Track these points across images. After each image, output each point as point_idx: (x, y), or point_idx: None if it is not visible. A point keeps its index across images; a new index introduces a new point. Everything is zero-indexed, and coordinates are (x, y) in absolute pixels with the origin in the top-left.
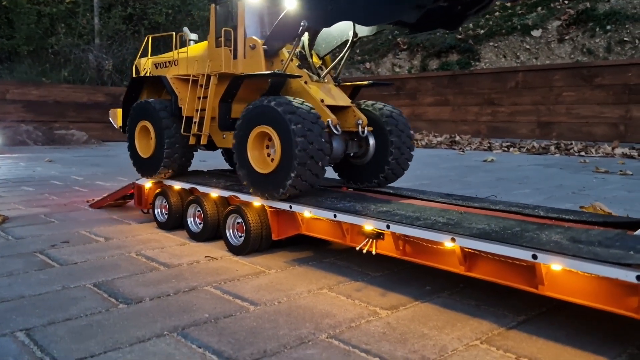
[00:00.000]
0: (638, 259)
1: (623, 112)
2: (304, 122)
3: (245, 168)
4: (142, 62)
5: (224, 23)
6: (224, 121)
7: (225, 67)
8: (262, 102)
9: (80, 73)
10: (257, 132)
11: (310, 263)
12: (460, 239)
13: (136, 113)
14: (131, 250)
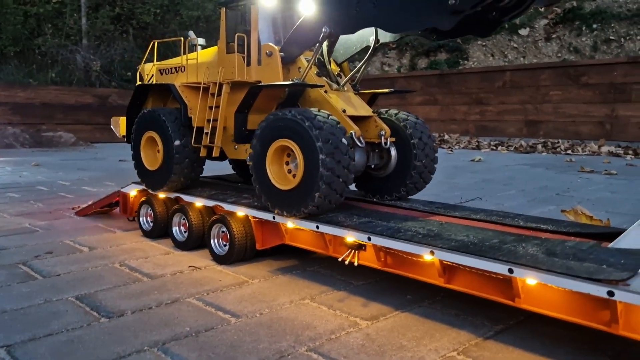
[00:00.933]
0: (609, 274)
1: (609, 111)
2: (332, 139)
3: (264, 183)
4: (147, 68)
5: (235, 27)
6: (240, 133)
7: (239, 74)
8: (285, 114)
9: (67, 74)
10: (277, 145)
11: (294, 272)
12: (439, 252)
13: (142, 123)
14: (115, 260)
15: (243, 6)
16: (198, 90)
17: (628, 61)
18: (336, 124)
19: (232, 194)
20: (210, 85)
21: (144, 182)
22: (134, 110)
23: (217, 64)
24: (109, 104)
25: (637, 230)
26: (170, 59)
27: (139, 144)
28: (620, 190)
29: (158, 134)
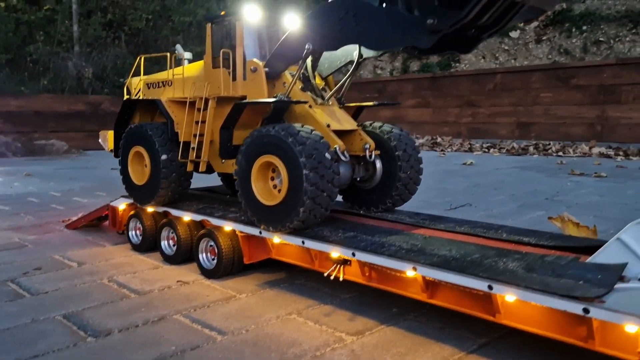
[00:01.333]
0: (585, 291)
1: (599, 112)
2: (315, 154)
3: (249, 199)
4: (134, 82)
5: (221, 42)
6: (226, 148)
7: (225, 89)
8: (269, 130)
9: (59, 81)
10: (262, 161)
11: (282, 285)
12: (421, 268)
13: (129, 138)
14: (103, 276)
15: (228, 22)
16: (184, 105)
17: (617, 63)
18: (319, 139)
19: (219, 207)
20: (197, 100)
21: (132, 197)
22: (121, 124)
23: (203, 78)
24: (102, 111)
25: (613, 244)
26: (157, 73)
27: (127, 159)
28: (609, 194)
29: (145, 149)
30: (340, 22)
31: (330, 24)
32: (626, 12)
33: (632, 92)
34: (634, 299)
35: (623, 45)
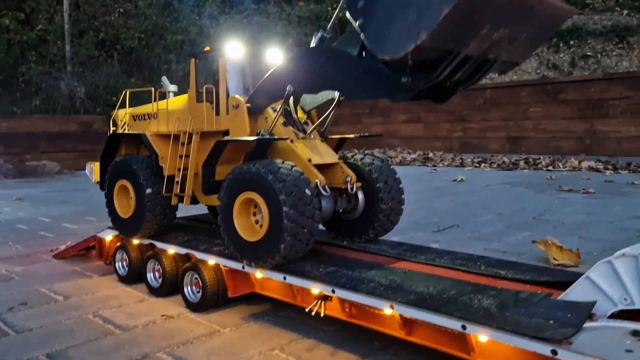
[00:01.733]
0: (554, 332)
1: (588, 126)
2: (295, 191)
3: (231, 235)
4: (120, 115)
5: (205, 77)
6: (208, 184)
7: (208, 124)
8: (250, 167)
9: (52, 101)
10: (243, 198)
11: (266, 318)
12: (398, 306)
13: (114, 172)
14: (89, 310)
15: (212, 58)
16: (169, 139)
17: (604, 78)
18: (299, 175)
19: (204, 239)
20: (181, 134)
21: (118, 229)
22: (107, 157)
23: (187, 112)
24: (94, 131)
25: (582, 282)
26: (143, 106)
27: (112, 192)
28: (596, 212)
29: (130, 183)
30: (321, 68)
31: (311, 68)
32: (612, 27)
33: (619, 106)
34: (601, 339)
35: (610, 59)
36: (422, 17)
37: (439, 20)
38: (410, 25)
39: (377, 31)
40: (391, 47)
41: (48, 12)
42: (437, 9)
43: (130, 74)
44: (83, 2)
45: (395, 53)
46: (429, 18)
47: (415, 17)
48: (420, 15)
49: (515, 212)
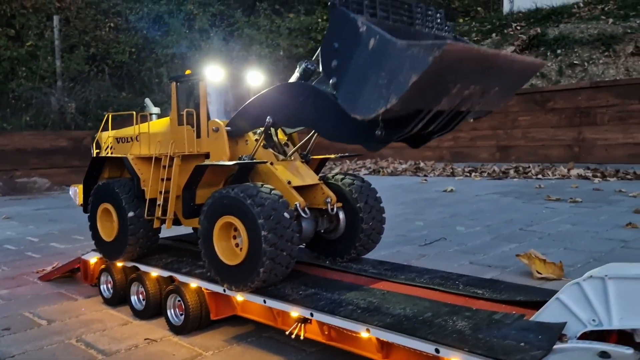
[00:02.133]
0: (524, 355)
1: (576, 134)
2: (273, 215)
3: (212, 258)
4: (104, 137)
5: (186, 100)
6: (188, 208)
7: (189, 147)
8: (229, 192)
9: (42, 117)
10: (223, 222)
11: (249, 340)
12: (374, 329)
13: (97, 195)
14: (72, 335)
15: (192, 82)
16: (151, 162)
17: (591, 86)
18: (278, 199)
19: (188, 261)
20: (162, 157)
21: (101, 252)
22: (90, 180)
23: (168, 135)
24: (84, 146)
25: (553, 304)
26: (125, 128)
27: (95, 215)
28: (582, 222)
29: (113, 206)
30: (300, 105)
31: (291, 104)
32: (598, 35)
33: (606, 114)
34: None
35: (597, 67)
36: (392, 82)
37: (408, 87)
38: (380, 88)
39: (349, 91)
40: (362, 108)
41: (38, 27)
42: (406, 76)
43: (121, 88)
44: (73, 17)
45: (367, 114)
46: (399, 84)
47: (386, 81)
48: (390, 80)
49: (503, 223)
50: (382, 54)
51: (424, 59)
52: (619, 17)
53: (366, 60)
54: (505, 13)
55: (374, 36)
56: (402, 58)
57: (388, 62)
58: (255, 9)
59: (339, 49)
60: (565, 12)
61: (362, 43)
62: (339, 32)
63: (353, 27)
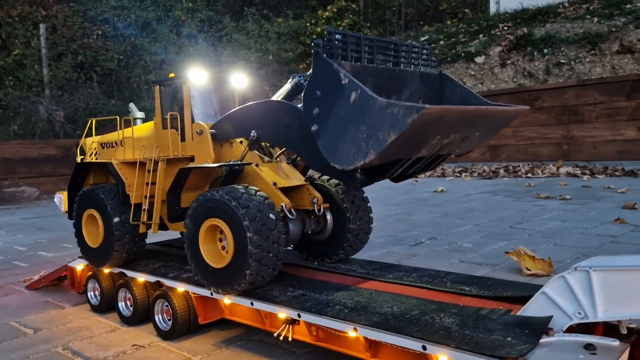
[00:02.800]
0: (510, 350)
1: (565, 132)
2: (259, 216)
3: (198, 262)
4: (88, 143)
5: (170, 104)
6: (174, 212)
7: (173, 150)
8: (214, 194)
9: (30, 126)
10: (208, 224)
11: (238, 343)
12: (361, 328)
13: (82, 201)
14: (58, 343)
15: (175, 85)
16: (135, 166)
17: (578, 84)
18: (263, 200)
19: (175, 266)
20: (147, 162)
21: (87, 259)
22: (75, 186)
23: (153, 139)
24: (73, 154)
25: (539, 298)
26: (110, 134)
27: (81, 222)
28: (571, 218)
29: (98, 212)
30: (286, 126)
31: (277, 123)
32: (584, 34)
33: (594, 112)
34: (555, 354)
35: (583, 66)
36: (372, 137)
37: (386, 145)
38: (360, 142)
39: (329, 141)
40: (342, 159)
41: (25, 36)
42: (385, 133)
43: (110, 95)
44: (60, 25)
45: (345, 165)
46: (377, 140)
47: (365, 136)
48: (369, 136)
49: (492, 221)
50: (363, 108)
51: (403, 120)
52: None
53: (347, 113)
54: (492, 14)
55: (356, 90)
56: (382, 116)
57: (368, 117)
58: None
59: (321, 97)
60: (551, 12)
61: (343, 95)
62: (322, 80)
63: (335, 78)
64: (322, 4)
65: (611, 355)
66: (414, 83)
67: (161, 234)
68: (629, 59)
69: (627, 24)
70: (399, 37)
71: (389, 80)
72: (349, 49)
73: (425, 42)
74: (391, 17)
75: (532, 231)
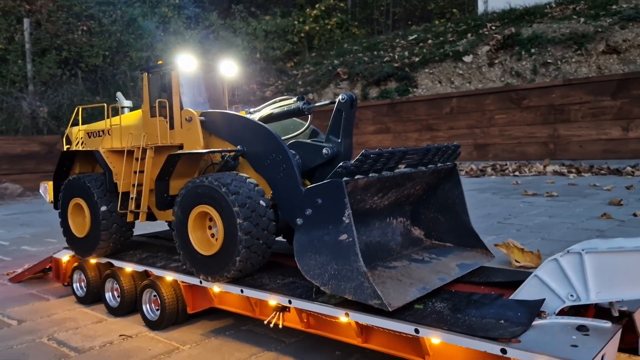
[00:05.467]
0: (503, 332)
1: (551, 131)
2: (249, 202)
3: (187, 250)
4: (74, 132)
5: (158, 91)
6: (162, 199)
7: (162, 138)
8: (203, 181)
9: (13, 122)
10: (198, 211)
11: (227, 333)
12: (353, 313)
13: (68, 190)
14: (43, 334)
15: (164, 72)
16: (123, 155)
17: (564, 83)
18: (254, 187)
19: (163, 256)
20: (135, 150)
21: (73, 249)
22: (60, 175)
23: (140, 127)
24: (57, 150)
25: (531, 281)
26: (96, 122)
27: (66, 211)
28: (558, 214)
29: (84, 201)
30: (272, 160)
31: (265, 152)
32: (570, 34)
33: (580, 111)
34: (548, 336)
35: (570, 65)
36: (336, 279)
37: (344, 294)
38: (324, 273)
39: (304, 244)
40: (304, 266)
41: (8, 31)
42: (347, 290)
43: (95, 92)
44: (44, 20)
45: (305, 272)
46: (338, 287)
47: (333, 273)
48: (335, 277)
49: (481, 217)
50: (345, 256)
51: (366, 295)
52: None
53: (331, 243)
54: (480, 13)
55: (349, 236)
56: (354, 279)
57: (344, 267)
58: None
59: (320, 207)
60: (538, 12)
61: (337, 228)
62: (329, 196)
63: (340, 209)
64: (310, 2)
65: (603, 337)
66: (420, 179)
67: (152, 227)
68: (615, 59)
69: (613, 24)
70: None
71: (397, 180)
72: (375, 167)
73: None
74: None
75: (520, 226)
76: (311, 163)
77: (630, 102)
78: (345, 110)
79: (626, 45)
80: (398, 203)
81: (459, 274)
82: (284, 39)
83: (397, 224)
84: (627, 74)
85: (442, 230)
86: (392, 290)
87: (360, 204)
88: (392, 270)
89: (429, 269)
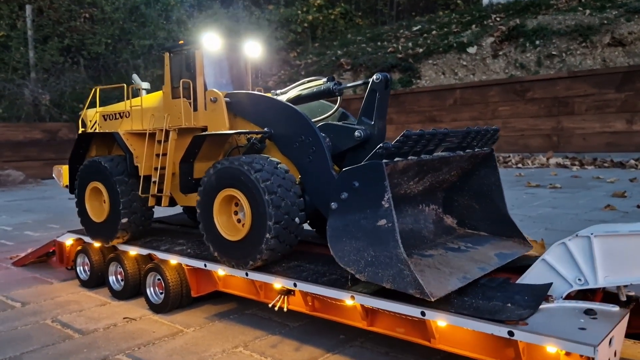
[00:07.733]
0: (510, 314)
1: (555, 124)
2: (280, 191)
3: (213, 235)
4: (90, 114)
5: (180, 72)
6: (186, 182)
7: (186, 120)
8: (232, 163)
9: (15, 109)
10: (223, 195)
11: (231, 317)
12: (358, 296)
13: (86, 173)
14: (47, 316)
15: (187, 51)
16: (144, 137)
17: (569, 76)
18: (284, 174)
19: (167, 240)
20: (157, 132)
21: (91, 235)
22: (77, 159)
23: (162, 109)
24: (59, 138)
25: (539, 265)
26: (113, 105)
27: (84, 195)
28: (561, 205)
29: (103, 184)
30: (300, 143)
31: (293, 134)
32: (575, 26)
33: (584, 104)
34: (556, 319)
35: (574, 58)
36: (372, 266)
37: (381, 283)
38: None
39: (339, 229)
40: (338, 252)
41: (10, 17)
42: (385, 278)
43: (97, 80)
44: (47, 7)
45: (338, 259)
46: (375, 275)
47: (370, 260)
48: (372, 264)
49: None
50: (383, 242)
51: (405, 283)
52: (596, 9)
53: (368, 228)
54: (485, 5)
55: (388, 221)
56: (392, 265)
57: (382, 252)
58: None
59: (357, 190)
60: (543, 4)
61: (376, 213)
62: (367, 178)
63: (379, 193)
64: None
65: (611, 320)
66: (456, 163)
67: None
68: (620, 51)
69: (619, 16)
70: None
71: (434, 164)
72: (415, 150)
73: None
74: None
75: (524, 216)
76: (342, 146)
77: (634, 95)
78: (380, 91)
79: (632, 37)
80: (431, 189)
81: (498, 264)
82: (287, 28)
83: (430, 211)
84: (632, 67)
85: (477, 219)
86: (433, 280)
87: (396, 189)
88: (429, 259)
89: (467, 258)
